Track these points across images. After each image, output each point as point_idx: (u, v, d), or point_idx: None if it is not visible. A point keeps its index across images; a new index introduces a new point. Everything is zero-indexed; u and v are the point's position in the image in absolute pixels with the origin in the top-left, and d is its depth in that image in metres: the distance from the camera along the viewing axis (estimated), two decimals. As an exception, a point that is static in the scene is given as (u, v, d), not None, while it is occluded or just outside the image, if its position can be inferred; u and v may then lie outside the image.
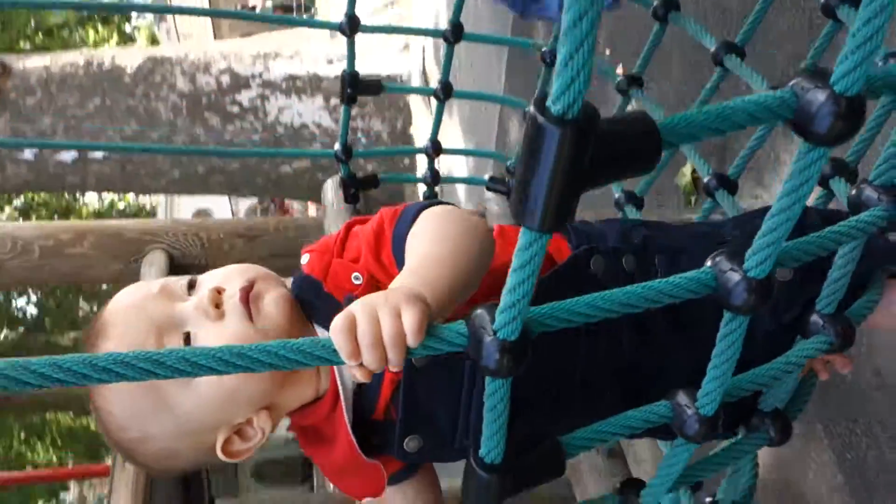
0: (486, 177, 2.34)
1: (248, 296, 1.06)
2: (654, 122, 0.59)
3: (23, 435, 12.80)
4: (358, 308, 0.74)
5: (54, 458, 12.57)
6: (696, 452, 0.90)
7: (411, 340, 0.70)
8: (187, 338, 1.05)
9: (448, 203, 1.10)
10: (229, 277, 1.10)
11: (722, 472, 1.06)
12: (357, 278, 1.07)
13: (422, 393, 1.06)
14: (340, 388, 1.08)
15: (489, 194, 2.37)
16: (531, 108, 0.53)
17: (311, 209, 14.00)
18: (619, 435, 0.87)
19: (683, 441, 0.87)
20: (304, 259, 1.14)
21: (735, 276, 0.71)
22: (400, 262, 1.03)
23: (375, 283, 1.06)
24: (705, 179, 1.52)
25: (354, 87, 1.93)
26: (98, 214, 16.38)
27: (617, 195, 1.81)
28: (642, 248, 1.17)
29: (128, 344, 1.03)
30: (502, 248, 1.07)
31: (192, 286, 1.11)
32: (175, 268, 2.43)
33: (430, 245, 0.98)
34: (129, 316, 1.07)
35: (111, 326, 1.07)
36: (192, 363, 0.60)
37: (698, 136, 0.61)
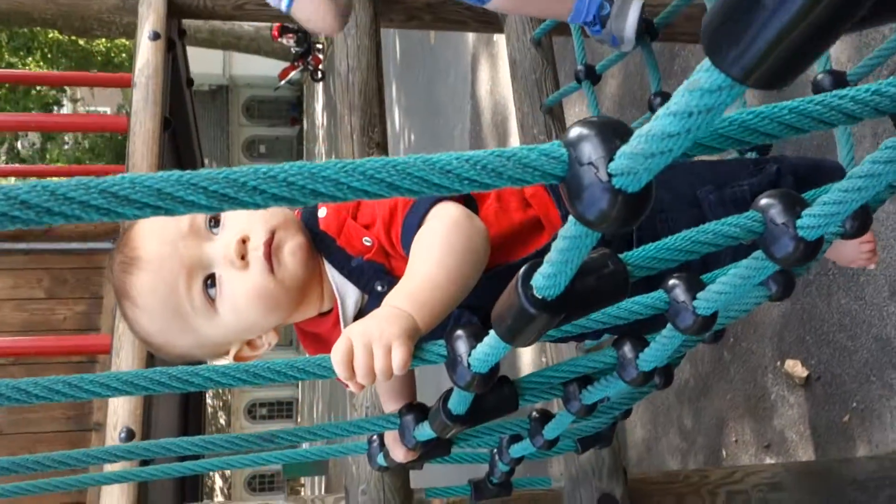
0: None
1: (271, 249, 1.15)
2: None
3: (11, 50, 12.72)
4: (356, 339, 0.88)
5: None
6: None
7: (397, 373, 0.86)
8: (211, 278, 1.15)
9: (454, 196, 1.13)
10: (252, 224, 1.16)
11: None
12: (367, 241, 1.17)
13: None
14: (340, 313, 1.20)
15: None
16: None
17: None
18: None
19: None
20: (322, 213, 1.22)
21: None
22: (406, 249, 1.12)
23: (383, 250, 1.17)
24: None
25: None
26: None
27: None
28: None
29: (162, 281, 1.13)
30: (497, 214, 1.19)
31: (213, 220, 1.18)
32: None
33: (431, 266, 1.04)
34: (163, 254, 1.14)
35: (146, 262, 1.14)
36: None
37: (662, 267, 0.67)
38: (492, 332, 0.65)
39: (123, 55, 14.71)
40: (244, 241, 1.14)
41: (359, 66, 2.14)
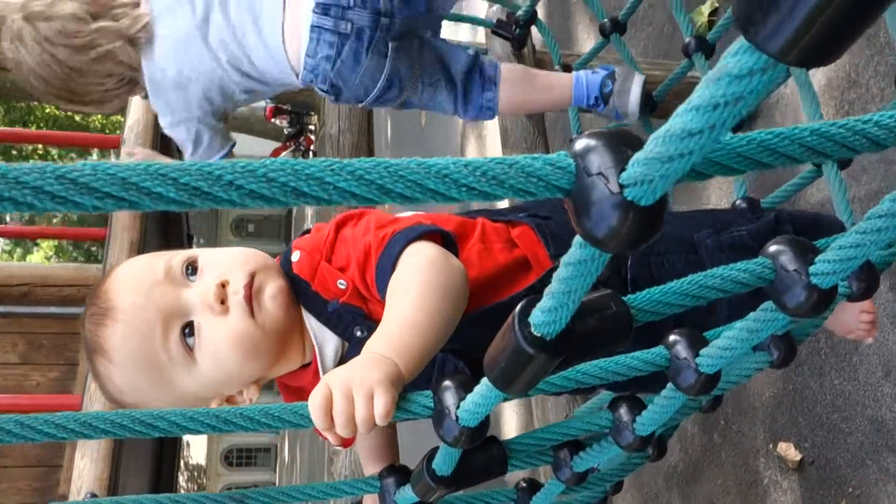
0: (493, 18, 2.28)
1: (251, 293, 1.11)
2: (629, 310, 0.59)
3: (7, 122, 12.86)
4: (336, 386, 0.81)
5: (39, 145, 12.69)
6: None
7: (380, 422, 0.79)
8: (189, 326, 1.10)
9: (429, 235, 1.09)
10: (231, 269, 1.12)
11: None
12: (342, 284, 1.12)
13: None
14: (319, 361, 1.15)
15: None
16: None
17: None
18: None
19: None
20: (295, 257, 1.17)
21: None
22: (381, 292, 1.07)
23: (359, 294, 1.12)
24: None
25: None
26: None
27: None
28: None
29: (135, 329, 1.08)
30: (481, 256, 1.15)
31: (190, 266, 1.14)
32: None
33: (409, 309, 0.99)
34: (137, 304, 1.09)
35: (120, 312, 1.09)
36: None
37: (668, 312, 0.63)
38: (483, 379, 0.60)
39: (118, 131, 14.89)
40: (223, 286, 1.10)
41: (350, 129, 2.13)
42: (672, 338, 0.79)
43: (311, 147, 19.30)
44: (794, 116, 2.63)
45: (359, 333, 1.11)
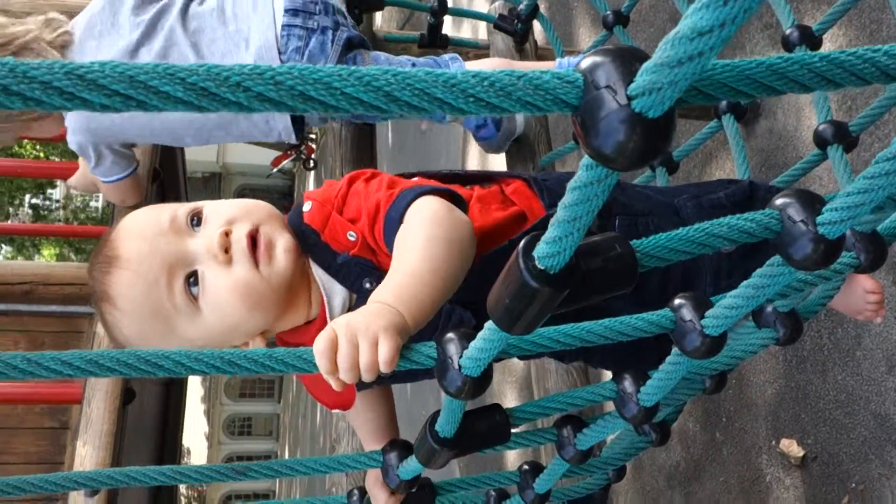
0: (496, 13, 2.29)
1: (255, 244, 1.11)
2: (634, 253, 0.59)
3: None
4: (341, 331, 0.81)
5: (41, 155, 12.72)
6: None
7: (384, 369, 0.79)
8: (193, 275, 1.10)
9: (437, 192, 1.11)
10: (235, 218, 1.13)
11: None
12: (352, 236, 1.13)
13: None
14: (329, 318, 1.15)
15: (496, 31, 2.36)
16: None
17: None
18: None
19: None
20: (307, 206, 1.17)
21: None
22: (388, 245, 1.08)
23: (367, 246, 1.13)
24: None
25: None
26: None
27: None
28: (605, 208, 1.16)
29: (142, 279, 1.09)
30: (480, 212, 1.16)
31: (196, 217, 1.14)
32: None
33: (415, 260, 0.99)
34: (143, 252, 1.10)
35: (125, 260, 1.11)
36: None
37: (673, 259, 0.62)
38: (487, 323, 0.60)
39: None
40: (227, 235, 1.11)
41: (350, 135, 2.14)
42: (677, 301, 0.78)
43: (312, 156, 19.35)
44: (796, 113, 2.63)
45: (367, 285, 1.12)
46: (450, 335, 0.69)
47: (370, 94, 0.37)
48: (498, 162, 4.96)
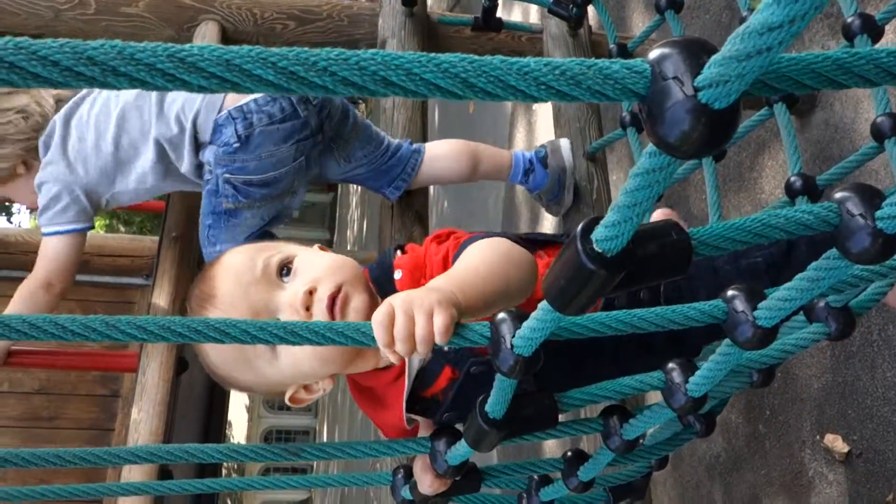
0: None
1: (334, 303, 1.17)
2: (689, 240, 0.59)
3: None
4: (398, 303, 0.85)
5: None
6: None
7: (439, 340, 0.82)
8: None
9: (501, 235, 1.19)
10: (323, 278, 1.20)
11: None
12: None
13: (470, 390, 1.22)
14: (407, 369, 1.25)
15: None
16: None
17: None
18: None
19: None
20: (398, 275, 1.24)
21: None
22: None
23: None
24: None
25: None
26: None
27: None
28: None
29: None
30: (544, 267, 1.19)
31: (286, 268, 1.23)
32: (227, 40, 2.45)
33: (471, 259, 1.08)
34: (235, 296, 1.21)
35: (219, 300, 1.22)
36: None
37: (728, 248, 0.62)
38: (541, 304, 0.62)
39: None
40: (311, 293, 1.18)
41: (404, 104, 2.15)
42: (730, 292, 0.79)
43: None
44: (854, 105, 2.58)
45: None
46: (503, 315, 0.71)
47: (447, 80, 0.39)
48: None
